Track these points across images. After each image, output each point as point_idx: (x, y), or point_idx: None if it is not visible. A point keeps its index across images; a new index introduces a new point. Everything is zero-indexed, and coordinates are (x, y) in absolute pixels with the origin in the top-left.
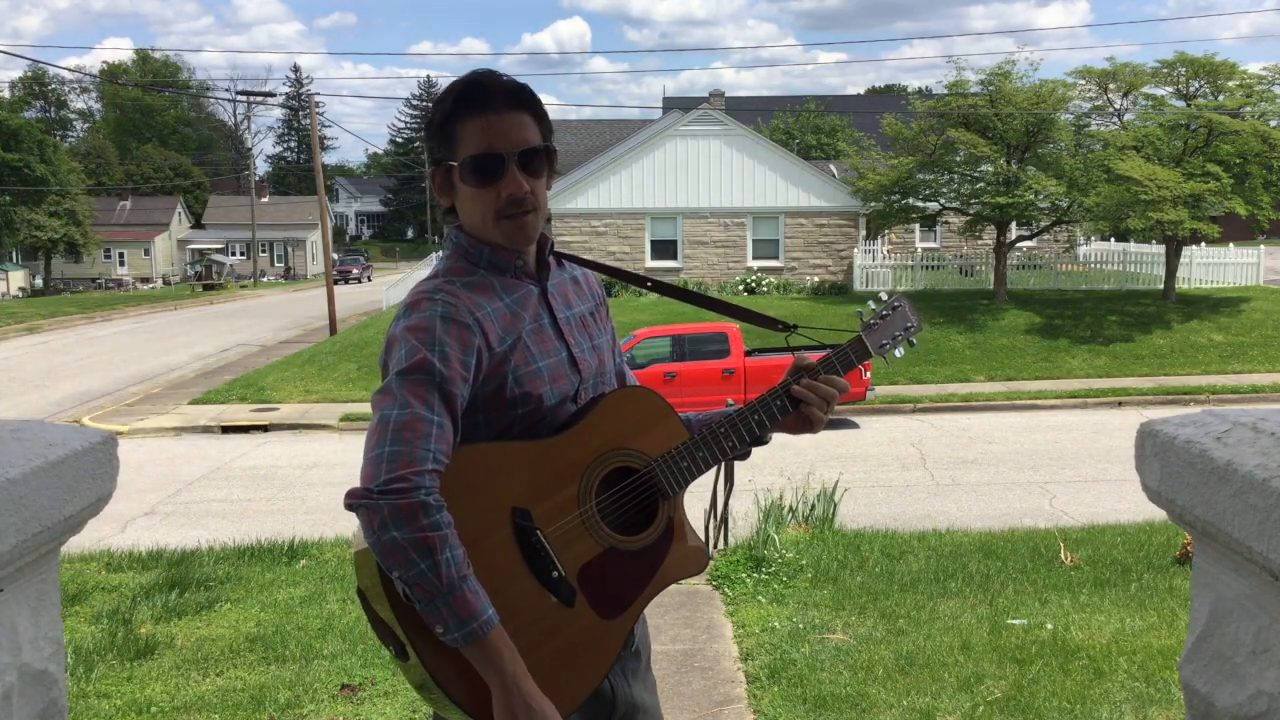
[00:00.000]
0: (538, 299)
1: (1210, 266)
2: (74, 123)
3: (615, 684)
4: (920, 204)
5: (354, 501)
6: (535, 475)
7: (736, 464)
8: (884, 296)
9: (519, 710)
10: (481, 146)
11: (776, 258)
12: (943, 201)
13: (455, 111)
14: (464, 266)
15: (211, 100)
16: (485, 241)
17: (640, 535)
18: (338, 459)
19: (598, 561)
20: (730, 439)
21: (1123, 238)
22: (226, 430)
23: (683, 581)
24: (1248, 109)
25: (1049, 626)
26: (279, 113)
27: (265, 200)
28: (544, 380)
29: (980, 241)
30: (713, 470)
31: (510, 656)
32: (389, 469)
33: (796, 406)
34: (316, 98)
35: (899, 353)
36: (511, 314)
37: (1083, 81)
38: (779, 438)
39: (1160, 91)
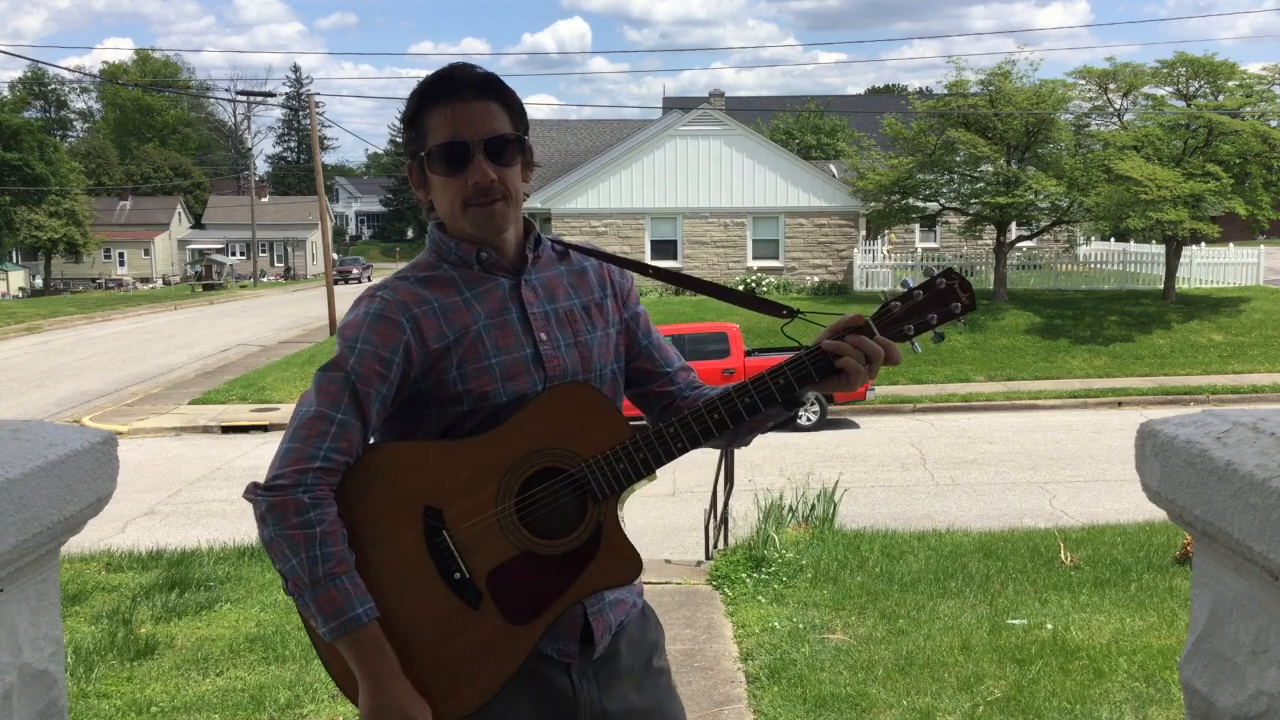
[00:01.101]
0: (508, 292)
1: (1210, 266)
2: (74, 123)
3: (580, 688)
4: (920, 204)
5: (246, 496)
6: (454, 474)
7: (736, 465)
8: (935, 269)
9: (382, 710)
10: (447, 135)
11: (776, 258)
12: (943, 201)
13: (425, 103)
14: (430, 261)
15: (211, 100)
16: (455, 234)
17: (564, 539)
18: None
19: (512, 564)
20: (681, 440)
21: (1123, 238)
22: (226, 430)
23: (683, 582)
24: (1248, 109)
25: (1049, 626)
26: (279, 113)
27: (265, 200)
28: (494, 377)
29: (980, 241)
30: (713, 470)
31: (378, 656)
32: (279, 466)
33: (830, 366)
34: (316, 98)
35: (937, 338)
36: (466, 309)
37: (1083, 82)
38: (779, 437)
39: (1160, 91)
